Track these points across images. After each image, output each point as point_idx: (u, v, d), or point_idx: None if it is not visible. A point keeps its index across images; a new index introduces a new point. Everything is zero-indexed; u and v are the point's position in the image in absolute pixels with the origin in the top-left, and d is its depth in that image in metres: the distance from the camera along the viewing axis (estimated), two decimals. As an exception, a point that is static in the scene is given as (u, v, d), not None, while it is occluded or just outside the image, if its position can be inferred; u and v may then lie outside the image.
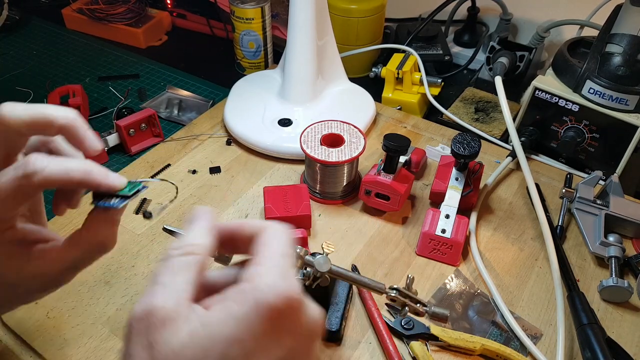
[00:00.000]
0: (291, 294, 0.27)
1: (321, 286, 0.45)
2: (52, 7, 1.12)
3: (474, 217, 0.65)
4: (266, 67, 0.95)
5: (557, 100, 0.71)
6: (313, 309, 0.29)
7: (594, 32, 0.76)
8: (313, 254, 0.45)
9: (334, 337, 0.52)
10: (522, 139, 0.72)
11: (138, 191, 0.36)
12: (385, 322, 0.53)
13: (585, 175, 0.68)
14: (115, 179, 0.35)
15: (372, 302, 0.55)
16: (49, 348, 0.50)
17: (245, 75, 0.88)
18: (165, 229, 0.42)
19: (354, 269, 0.59)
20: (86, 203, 0.38)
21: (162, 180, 0.67)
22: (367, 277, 0.45)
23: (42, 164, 0.32)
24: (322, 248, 0.46)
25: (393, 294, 0.44)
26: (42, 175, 0.32)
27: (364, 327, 0.54)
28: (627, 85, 0.65)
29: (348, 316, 0.54)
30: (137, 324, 0.27)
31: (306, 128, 0.67)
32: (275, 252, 0.29)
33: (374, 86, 0.89)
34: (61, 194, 0.39)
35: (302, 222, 0.62)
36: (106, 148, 0.75)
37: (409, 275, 0.46)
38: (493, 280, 0.58)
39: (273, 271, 0.28)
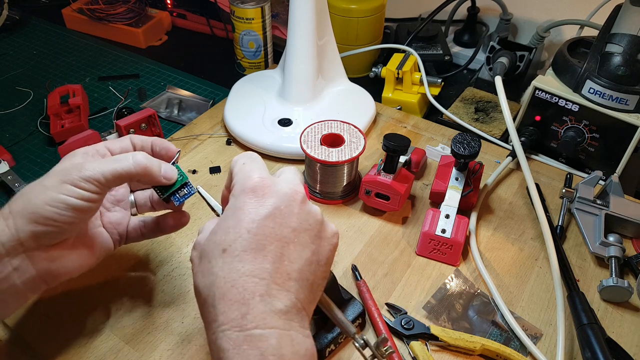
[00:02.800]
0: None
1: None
2: (52, 7, 1.12)
3: (474, 217, 0.65)
4: (266, 67, 0.95)
5: (557, 100, 0.71)
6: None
7: (594, 32, 0.76)
8: None
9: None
10: (522, 139, 0.72)
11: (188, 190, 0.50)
12: (386, 322, 0.53)
13: (585, 175, 0.68)
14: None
15: (372, 302, 0.55)
16: (49, 348, 0.50)
17: (245, 75, 0.88)
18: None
19: (354, 269, 0.59)
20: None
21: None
22: (343, 316, 0.45)
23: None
24: None
25: (359, 344, 0.43)
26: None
27: (364, 327, 0.54)
28: (627, 85, 0.65)
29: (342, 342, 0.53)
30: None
31: (306, 128, 0.67)
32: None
33: (374, 86, 0.89)
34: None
35: (302, 222, 0.62)
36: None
37: (384, 335, 0.45)
38: (493, 280, 0.58)
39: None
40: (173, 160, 0.50)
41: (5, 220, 0.41)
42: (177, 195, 0.49)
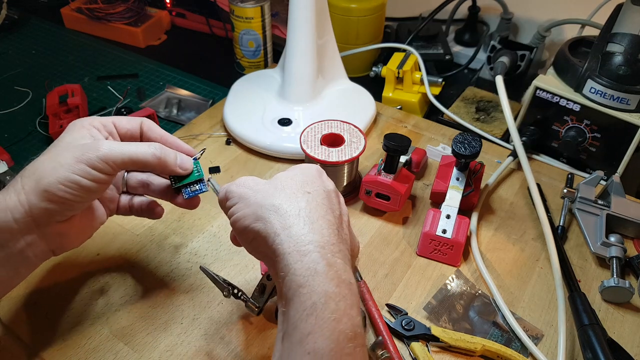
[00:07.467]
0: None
1: None
2: (51, 6, 1.12)
3: (474, 217, 0.65)
4: (266, 66, 0.95)
5: (558, 100, 0.70)
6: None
7: (595, 32, 0.75)
8: None
9: None
10: (523, 138, 0.72)
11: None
12: (386, 322, 0.53)
13: (587, 175, 0.68)
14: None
15: (373, 302, 0.54)
16: (49, 348, 0.50)
17: (244, 74, 0.88)
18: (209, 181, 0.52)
19: (354, 269, 0.59)
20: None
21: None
22: None
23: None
24: None
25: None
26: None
27: (364, 328, 0.53)
28: (628, 84, 0.65)
29: None
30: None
31: (306, 128, 0.66)
32: None
33: (375, 85, 0.89)
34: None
35: (302, 223, 0.62)
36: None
37: (380, 338, 0.44)
38: (494, 280, 0.58)
39: None
40: (196, 156, 0.51)
41: (18, 196, 0.41)
42: (189, 189, 0.50)
